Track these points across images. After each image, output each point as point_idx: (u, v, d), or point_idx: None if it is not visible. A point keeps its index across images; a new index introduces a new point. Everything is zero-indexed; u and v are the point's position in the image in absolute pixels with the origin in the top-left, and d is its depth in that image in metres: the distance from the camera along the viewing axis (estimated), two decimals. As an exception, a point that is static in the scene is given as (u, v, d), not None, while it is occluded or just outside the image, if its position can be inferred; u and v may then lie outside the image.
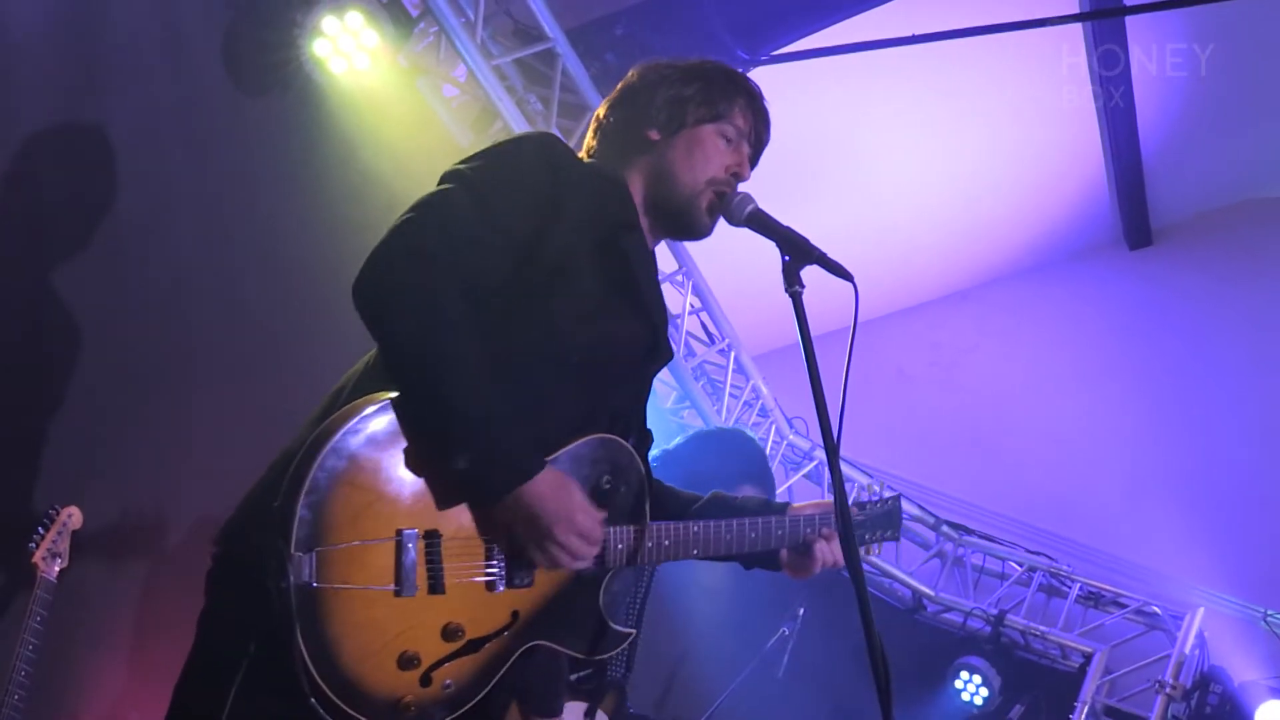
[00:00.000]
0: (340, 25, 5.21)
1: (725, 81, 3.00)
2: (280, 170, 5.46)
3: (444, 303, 2.44)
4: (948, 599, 9.10)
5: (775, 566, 3.21)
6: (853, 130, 8.70)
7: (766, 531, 3.05)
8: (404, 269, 2.44)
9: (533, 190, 2.65)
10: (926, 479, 9.53)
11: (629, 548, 2.76)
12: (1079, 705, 8.28)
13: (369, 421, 2.38)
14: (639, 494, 2.81)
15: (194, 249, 5.07)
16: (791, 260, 2.77)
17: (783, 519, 3.10)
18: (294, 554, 2.26)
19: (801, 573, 3.20)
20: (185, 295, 5.02)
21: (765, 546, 3.07)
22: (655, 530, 2.82)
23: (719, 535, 2.95)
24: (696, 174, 2.90)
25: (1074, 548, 8.97)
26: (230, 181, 5.25)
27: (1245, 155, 9.42)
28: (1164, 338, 9.97)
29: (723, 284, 7.84)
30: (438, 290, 2.44)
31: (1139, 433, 9.52)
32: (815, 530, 3.15)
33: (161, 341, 4.93)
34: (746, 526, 3.01)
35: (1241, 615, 8.48)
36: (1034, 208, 10.18)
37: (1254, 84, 8.71)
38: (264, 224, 5.36)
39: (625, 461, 2.78)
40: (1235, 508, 9.01)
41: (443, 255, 2.47)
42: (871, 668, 2.37)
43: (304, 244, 5.51)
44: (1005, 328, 10.65)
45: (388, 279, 2.45)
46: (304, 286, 5.46)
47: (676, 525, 2.87)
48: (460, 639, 2.48)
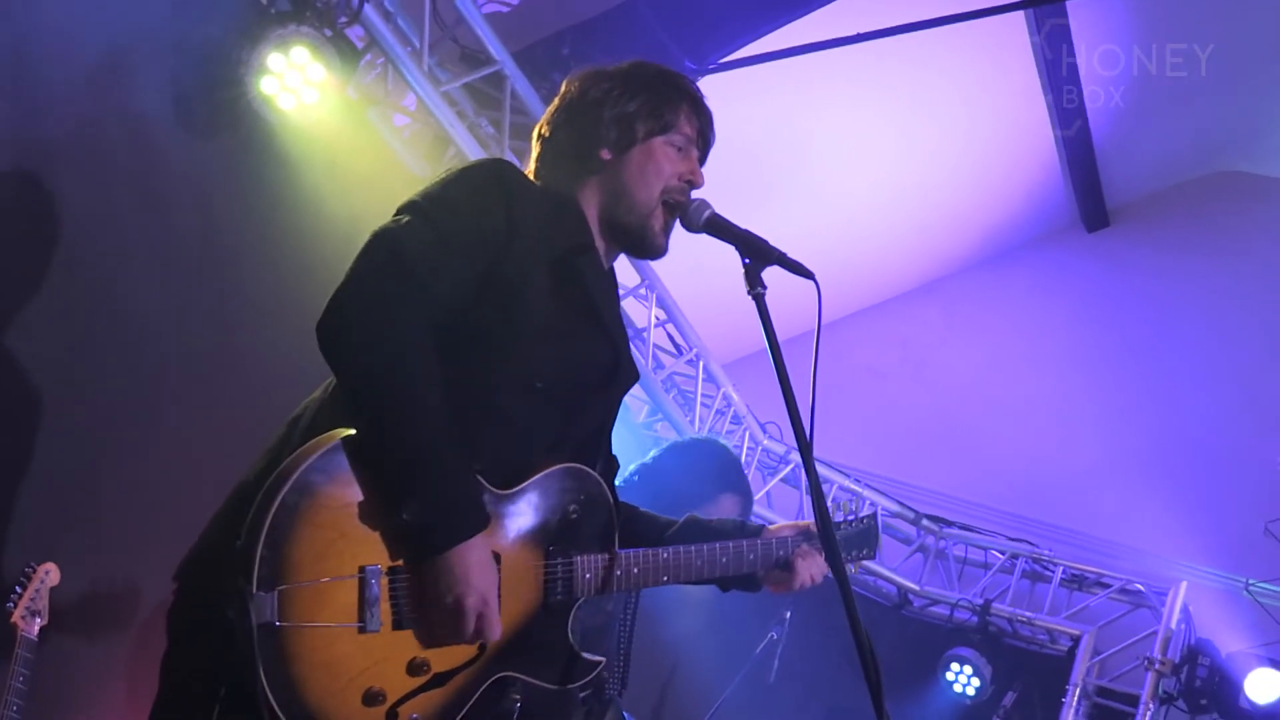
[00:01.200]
0: (286, 61, 5.18)
1: (668, 89, 2.99)
2: (236, 211, 5.43)
3: (406, 348, 2.43)
4: (933, 592, 9.12)
5: (754, 588, 3.23)
6: (806, 132, 8.74)
7: (739, 556, 3.07)
8: (365, 310, 2.43)
9: (487, 217, 2.64)
10: (904, 474, 9.56)
11: (597, 576, 2.75)
12: (1071, 688, 8.31)
13: (329, 459, 2.36)
14: (607, 522, 2.81)
15: (153, 297, 5.03)
16: (752, 263, 2.78)
17: (754, 542, 3.12)
18: (256, 594, 2.25)
19: (781, 587, 3.21)
20: (147, 342, 4.99)
21: (738, 570, 3.09)
22: (624, 558, 2.81)
23: (689, 561, 2.95)
24: (652, 189, 2.90)
25: (1054, 532, 9.02)
26: (186, 227, 5.22)
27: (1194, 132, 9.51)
28: (1127, 316, 10.05)
29: (687, 294, 7.85)
30: (401, 334, 2.43)
31: (1110, 412, 9.58)
32: (789, 551, 3.17)
33: (125, 391, 4.90)
34: (718, 551, 3.02)
35: (1224, 586, 8.53)
36: (990, 197, 10.25)
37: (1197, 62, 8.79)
38: (223, 268, 5.33)
39: (593, 490, 2.78)
40: (1209, 480, 9.07)
41: (404, 291, 2.46)
42: (861, 664, 2.37)
43: (266, 284, 5.49)
44: (971, 318, 10.71)
45: (350, 321, 2.44)
46: (267, 328, 5.43)
47: (645, 552, 2.87)
48: (426, 673, 2.46)
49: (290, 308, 5.37)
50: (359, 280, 2.47)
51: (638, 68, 3.02)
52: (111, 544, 4.81)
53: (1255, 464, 8.73)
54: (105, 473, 4.80)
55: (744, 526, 3.18)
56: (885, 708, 2.35)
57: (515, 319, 2.62)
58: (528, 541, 2.63)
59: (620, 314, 3.01)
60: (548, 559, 2.67)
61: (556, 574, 2.68)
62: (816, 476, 2.54)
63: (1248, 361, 9.35)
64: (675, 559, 2.92)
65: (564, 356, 2.71)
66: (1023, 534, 8.99)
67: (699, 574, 2.99)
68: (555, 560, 2.68)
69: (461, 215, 2.62)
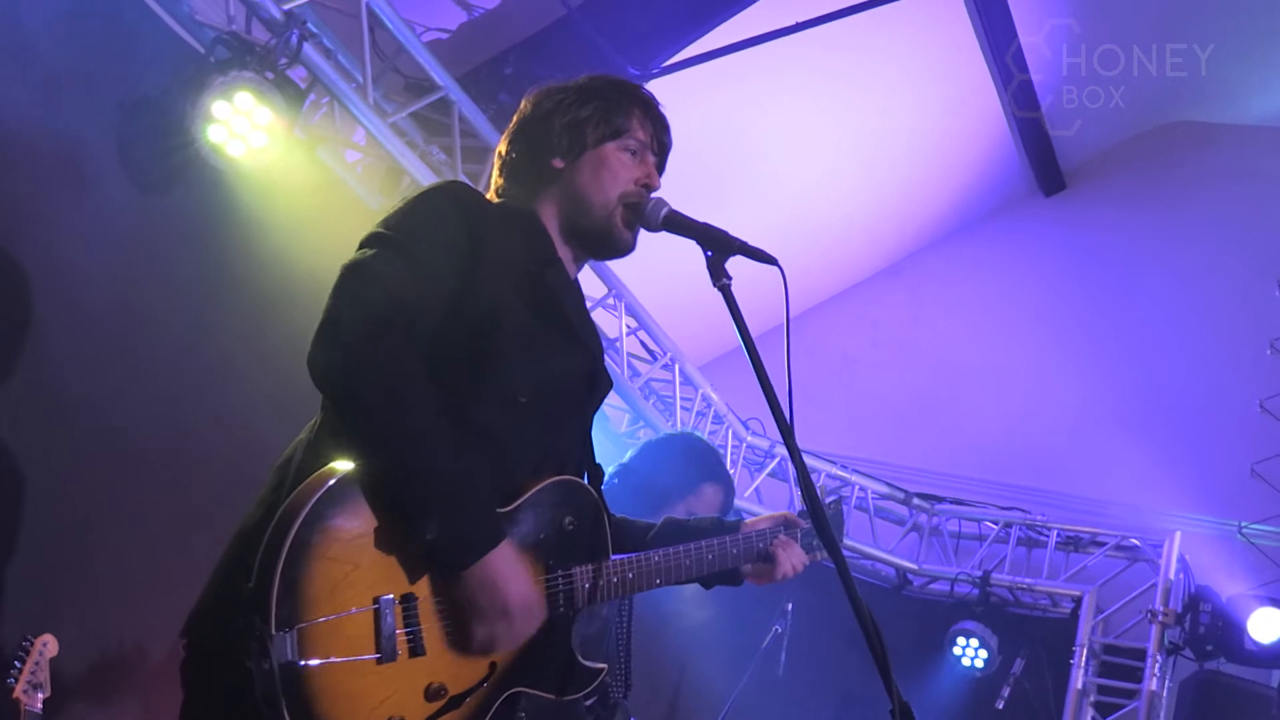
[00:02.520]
0: (231, 108, 5.16)
1: (619, 95, 3.00)
2: (197, 264, 5.42)
3: (403, 374, 2.45)
4: (931, 570, 9.15)
5: (736, 582, 3.25)
6: (758, 126, 8.78)
7: (723, 552, 3.09)
8: (361, 341, 2.44)
9: (452, 238, 2.65)
10: (890, 456, 9.60)
11: (594, 586, 2.77)
12: (1077, 649, 8.36)
13: (335, 492, 2.37)
14: (600, 532, 2.83)
15: (121, 361, 5.02)
16: (714, 255, 2.78)
17: (737, 538, 3.14)
18: (275, 633, 2.24)
19: (764, 579, 3.24)
20: (120, 404, 4.97)
21: (723, 566, 3.11)
22: (618, 565, 2.84)
23: (678, 562, 2.98)
24: (608, 193, 2.90)
25: (1045, 496, 9.07)
26: (148, 285, 5.20)
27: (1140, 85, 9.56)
28: (1093, 275, 10.11)
29: (656, 300, 7.87)
30: (400, 360, 2.45)
31: (1087, 372, 9.63)
32: (768, 542, 3.20)
33: (105, 453, 4.88)
34: (703, 549, 3.04)
35: (1217, 532, 8.59)
36: (944, 173, 10.31)
37: (1133, 12, 8.87)
38: (190, 322, 5.32)
39: (583, 499, 2.80)
40: (1193, 428, 9.13)
41: (392, 319, 2.47)
42: (865, 639, 2.37)
43: (232, 335, 5.49)
44: (938, 295, 10.75)
45: (342, 354, 2.44)
46: (241, 379, 5.44)
47: (637, 557, 2.89)
48: (443, 697, 2.47)
49: (265, 355, 5.39)
50: (342, 313, 2.47)
51: (589, 79, 3.03)
52: (107, 608, 4.79)
53: (1235, 406, 8.78)
54: (96, 538, 4.77)
55: (722, 523, 3.21)
56: (894, 679, 2.35)
57: (491, 337, 2.63)
58: (529, 557, 2.64)
59: (592, 323, 3.01)
60: (549, 573, 2.68)
61: (558, 587, 2.69)
62: (801, 458, 2.54)
63: (1216, 305, 9.41)
64: (665, 561, 2.95)
65: (543, 370, 2.72)
66: (1014, 502, 9.04)
67: (688, 573, 3.01)
68: (556, 574, 2.69)
69: (427, 239, 2.62)
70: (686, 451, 4.77)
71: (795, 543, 3.24)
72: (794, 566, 3.21)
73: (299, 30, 5.41)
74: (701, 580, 3.13)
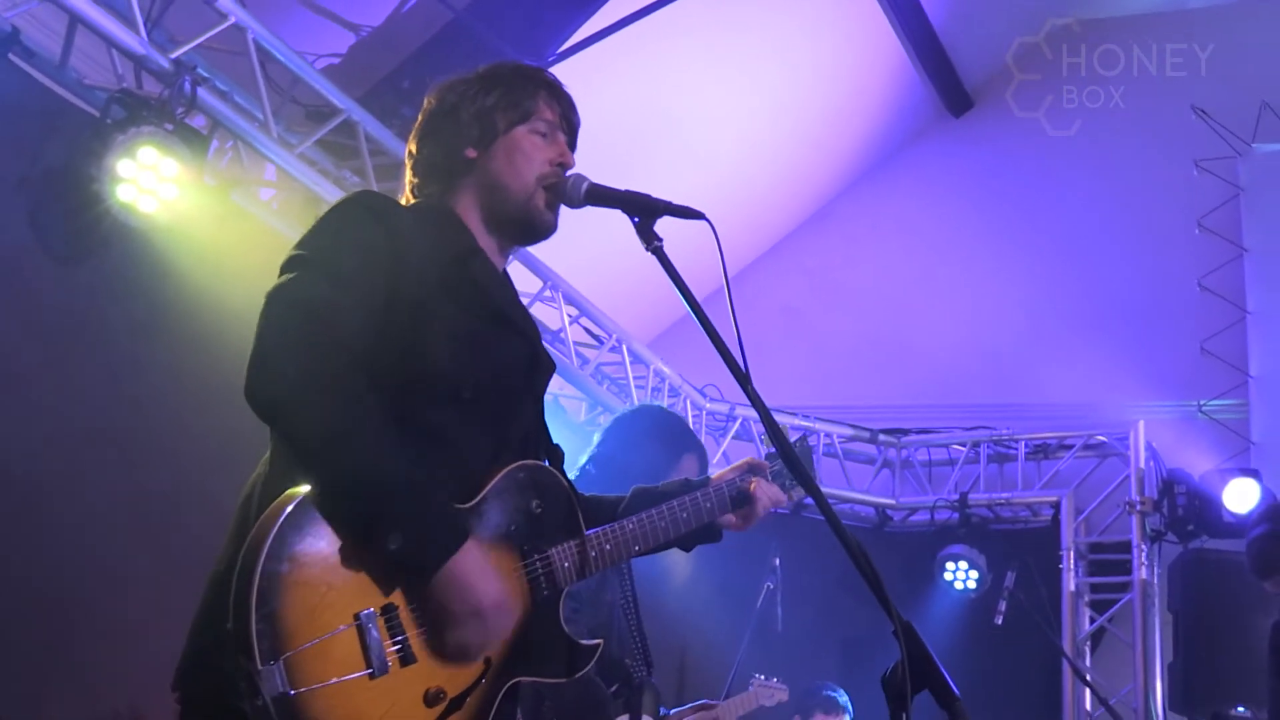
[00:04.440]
0: (136, 165, 5.10)
1: (523, 79, 2.99)
2: (127, 323, 5.38)
3: (347, 389, 2.43)
4: (909, 502, 9.24)
5: (715, 537, 3.23)
6: (664, 98, 8.80)
7: (696, 508, 3.09)
8: (295, 366, 2.42)
9: (369, 247, 2.63)
10: (849, 398, 9.66)
11: (574, 564, 2.78)
12: (1064, 552, 8.46)
13: (296, 517, 2.35)
14: (569, 509, 2.83)
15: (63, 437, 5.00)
16: (641, 220, 2.78)
17: (708, 491, 3.13)
18: (261, 668, 2.23)
19: (746, 522, 3.21)
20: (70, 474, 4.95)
21: (699, 522, 3.10)
22: (595, 539, 2.84)
23: (654, 524, 2.98)
24: (524, 177, 2.88)
25: (1008, 410, 9.15)
26: (80, 357, 5.18)
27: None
28: (1015, 186, 10.19)
29: (595, 286, 7.88)
30: (337, 377, 2.43)
31: (1027, 282, 9.73)
32: (740, 487, 3.18)
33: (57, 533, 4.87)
34: (677, 508, 3.04)
35: (1179, 414, 8.73)
36: (853, 111, 10.37)
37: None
38: (127, 379, 5.30)
39: (547, 481, 2.80)
40: (1138, 317, 9.24)
41: (322, 338, 2.45)
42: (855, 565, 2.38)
43: (172, 387, 5.47)
44: (868, 232, 10.81)
45: (278, 380, 2.42)
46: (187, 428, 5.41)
47: (612, 528, 2.90)
48: (443, 700, 2.47)
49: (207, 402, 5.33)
50: (271, 341, 2.45)
51: (491, 68, 3.02)
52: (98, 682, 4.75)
53: (1175, 290, 8.91)
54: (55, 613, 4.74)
55: (689, 483, 3.19)
56: (890, 600, 2.37)
57: (426, 338, 2.62)
58: (501, 548, 2.64)
59: (523, 307, 3.01)
60: (525, 559, 2.68)
61: (537, 571, 2.69)
62: (760, 400, 2.55)
63: (1139, 193, 9.51)
64: (640, 527, 2.95)
65: (482, 362, 2.71)
66: (978, 422, 9.12)
67: (665, 535, 3.00)
68: (532, 558, 2.69)
69: (345, 253, 2.61)
70: (656, 427, 4.73)
71: (766, 481, 3.22)
72: (772, 500, 3.20)
73: (190, 77, 5.37)
74: (680, 542, 3.13)
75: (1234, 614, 7.32)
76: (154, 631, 4.43)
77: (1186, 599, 7.69)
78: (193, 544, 4.06)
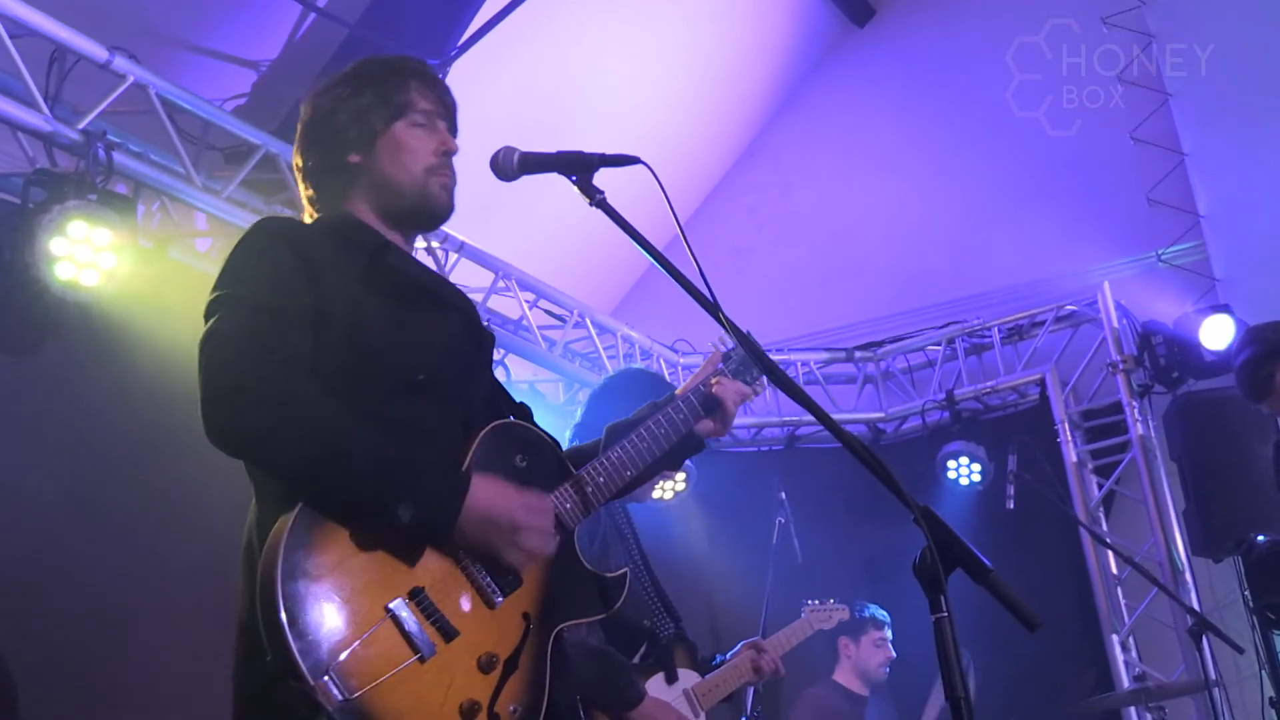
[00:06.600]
0: (68, 241, 5.07)
1: (392, 73, 3.00)
2: (90, 407, 5.35)
3: (303, 399, 2.49)
4: (898, 412, 9.30)
5: (698, 447, 3.26)
6: (573, 66, 8.80)
7: (670, 421, 3.11)
8: (245, 398, 2.47)
9: (282, 268, 2.66)
10: (818, 323, 9.70)
11: (576, 503, 2.84)
12: (1059, 426, 8.53)
13: (296, 534, 2.39)
14: (553, 454, 2.90)
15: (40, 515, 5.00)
16: (579, 177, 2.83)
17: (676, 404, 3.16)
18: (314, 684, 2.27)
19: (720, 424, 3.23)
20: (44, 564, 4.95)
21: (678, 433, 3.12)
22: (587, 474, 2.90)
23: (637, 447, 3.02)
24: (412, 171, 2.92)
25: (974, 301, 9.19)
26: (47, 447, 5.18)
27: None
28: (933, 82, 10.18)
29: (547, 266, 7.87)
30: (288, 391, 2.48)
31: (965, 171, 9.74)
32: (704, 393, 3.21)
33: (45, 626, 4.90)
34: (653, 426, 3.08)
35: (1140, 268, 8.78)
36: (761, 44, 10.39)
37: None
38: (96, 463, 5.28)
39: (525, 435, 2.87)
40: (1080, 182, 9.27)
41: (262, 364, 2.50)
42: (859, 460, 2.41)
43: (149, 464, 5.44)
44: (800, 159, 10.80)
45: (241, 410, 2.47)
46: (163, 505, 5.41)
47: (599, 460, 2.95)
48: (496, 665, 2.53)
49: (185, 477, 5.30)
50: (219, 378, 2.50)
51: (357, 66, 3.05)
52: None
53: (1110, 147, 8.93)
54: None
55: (656, 404, 3.21)
56: (903, 489, 2.39)
57: (366, 336, 2.67)
58: None
59: (448, 281, 3.09)
60: None
61: None
62: (733, 324, 2.60)
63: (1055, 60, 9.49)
64: (625, 452, 2.99)
65: (425, 343, 2.76)
66: (947, 318, 9.16)
67: (650, 454, 3.03)
68: None
69: (262, 280, 2.65)
70: (635, 384, 4.70)
71: (728, 378, 3.26)
72: (738, 394, 3.23)
73: (103, 144, 5.34)
74: (667, 461, 3.15)
75: (1235, 448, 7.39)
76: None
77: (1187, 445, 7.75)
78: (192, 609, 4.08)
